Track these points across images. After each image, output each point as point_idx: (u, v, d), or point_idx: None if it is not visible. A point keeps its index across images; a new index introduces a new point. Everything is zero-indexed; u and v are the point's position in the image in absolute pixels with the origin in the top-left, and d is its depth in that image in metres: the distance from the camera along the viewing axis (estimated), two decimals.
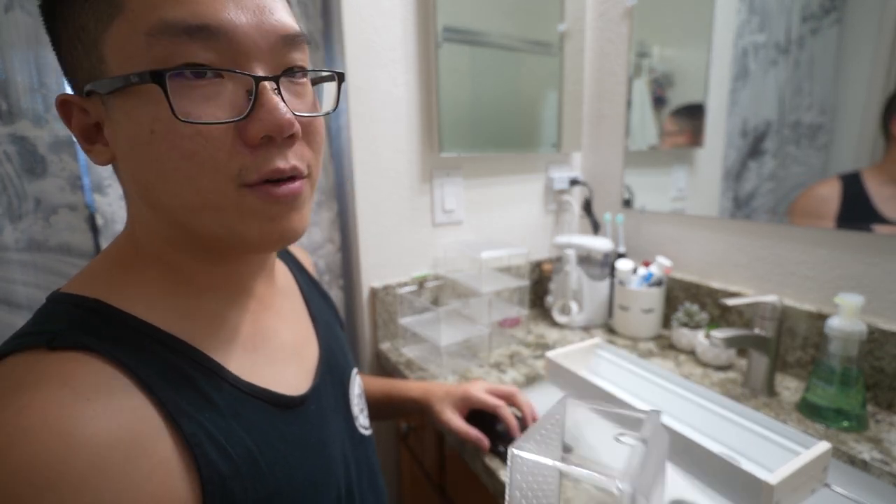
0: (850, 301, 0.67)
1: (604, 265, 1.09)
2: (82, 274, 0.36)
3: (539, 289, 1.24)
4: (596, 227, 1.23)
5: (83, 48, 0.31)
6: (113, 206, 0.81)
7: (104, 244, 0.82)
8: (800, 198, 0.84)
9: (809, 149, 0.81)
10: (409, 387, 0.71)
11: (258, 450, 0.35)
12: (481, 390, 0.67)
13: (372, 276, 1.03)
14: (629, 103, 1.14)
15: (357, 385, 0.55)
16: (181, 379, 0.33)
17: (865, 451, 0.63)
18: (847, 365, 0.68)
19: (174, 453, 0.30)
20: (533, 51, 1.11)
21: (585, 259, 1.10)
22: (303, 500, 0.38)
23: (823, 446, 0.56)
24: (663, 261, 1.01)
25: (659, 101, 1.08)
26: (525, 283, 1.03)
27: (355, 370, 0.56)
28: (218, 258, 0.37)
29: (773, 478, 0.50)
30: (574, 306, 1.09)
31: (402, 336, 1.04)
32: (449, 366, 0.92)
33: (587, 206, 1.25)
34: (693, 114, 1.01)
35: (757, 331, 0.78)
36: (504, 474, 0.62)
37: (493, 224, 1.18)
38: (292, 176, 0.34)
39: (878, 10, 0.71)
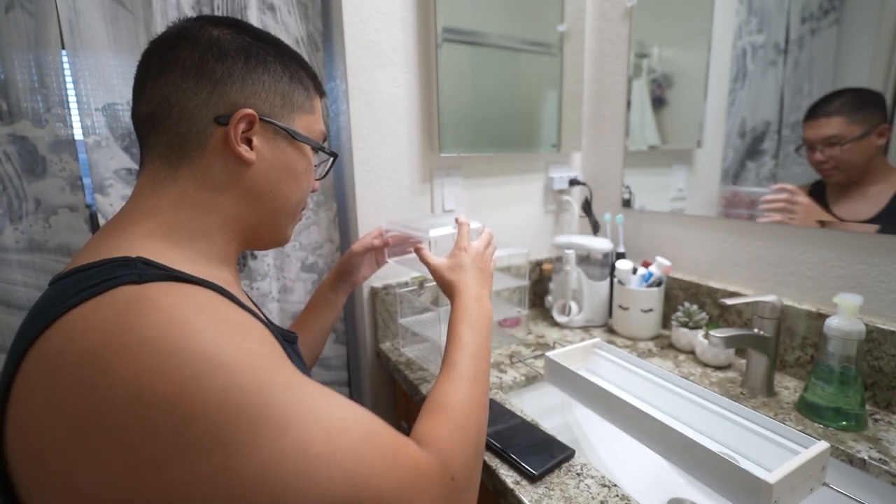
0: (849, 301, 0.67)
1: (604, 265, 1.09)
2: (98, 249, 0.40)
3: (539, 289, 1.24)
4: (596, 227, 1.23)
5: (281, 103, 0.49)
6: (114, 206, 0.81)
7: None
8: None
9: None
10: (312, 299, 0.85)
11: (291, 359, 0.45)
12: (356, 244, 0.85)
13: (372, 276, 1.03)
14: (629, 103, 1.14)
15: None
16: (234, 302, 0.41)
17: (864, 451, 0.63)
18: (846, 364, 0.68)
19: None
20: (533, 51, 1.11)
21: (585, 259, 1.11)
22: None
23: (822, 446, 0.56)
24: (663, 261, 1.01)
25: (658, 102, 1.08)
26: (525, 283, 1.04)
27: None
28: (245, 243, 0.52)
29: (771, 477, 0.50)
30: (574, 306, 1.09)
31: (402, 336, 1.04)
32: None
33: (587, 206, 1.25)
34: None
35: (756, 330, 0.78)
36: (503, 473, 0.62)
37: (492, 224, 1.18)
38: None
39: (877, 10, 0.71)
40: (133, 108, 0.47)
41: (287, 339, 0.54)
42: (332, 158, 0.59)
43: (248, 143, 0.47)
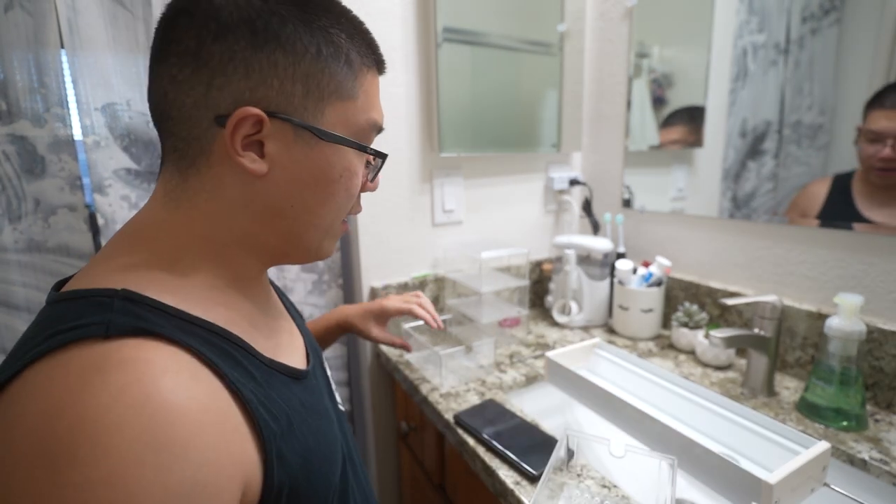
0: (849, 301, 0.67)
1: (604, 265, 1.09)
2: (93, 271, 0.37)
3: (539, 289, 1.24)
4: (596, 227, 1.23)
5: (304, 91, 0.38)
6: (113, 206, 0.81)
7: (104, 244, 0.82)
8: (797, 195, 0.85)
9: (810, 149, 0.81)
10: (328, 317, 0.80)
11: (292, 415, 0.39)
12: (395, 300, 0.80)
13: (372, 275, 1.03)
14: (629, 103, 1.14)
15: (328, 365, 0.61)
16: (225, 354, 0.36)
17: (865, 451, 0.63)
18: (846, 365, 0.68)
19: (242, 419, 0.34)
20: (533, 51, 1.11)
21: (585, 259, 1.10)
22: (325, 461, 0.42)
23: (823, 446, 0.56)
24: (663, 261, 1.01)
25: (659, 102, 1.08)
26: (525, 283, 1.03)
27: (323, 354, 0.63)
28: (271, 262, 0.45)
29: (772, 477, 0.50)
30: (574, 306, 1.09)
31: (403, 336, 1.04)
32: (449, 367, 0.92)
33: (587, 206, 1.25)
34: (693, 114, 1.01)
35: (756, 331, 0.78)
36: (503, 473, 0.62)
37: (493, 224, 1.18)
38: None
39: (878, 10, 0.71)
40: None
41: (317, 354, 0.52)
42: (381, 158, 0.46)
43: (261, 147, 0.38)
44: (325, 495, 0.41)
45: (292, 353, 0.48)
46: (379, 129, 0.45)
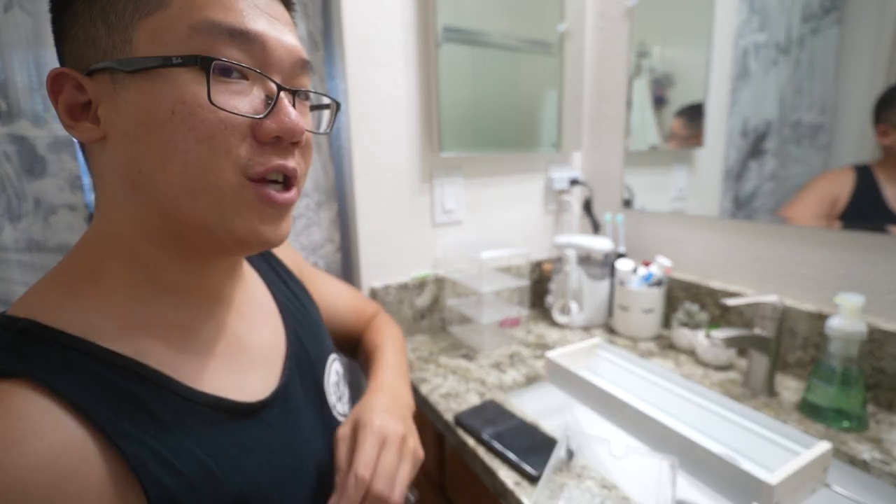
0: (850, 301, 0.67)
1: (604, 265, 1.09)
2: (26, 293, 0.35)
3: (539, 289, 1.24)
4: (596, 227, 1.23)
5: (106, 29, 0.32)
6: None
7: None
8: (802, 193, 0.83)
9: (810, 149, 0.81)
10: (369, 381, 0.59)
11: (212, 460, 0.35)
12: (343, 448, 0.46)
13: (372, 276, 1.03)
14: (629, 103, 1.14)
15: (334, 372, 0.55)
16: (123, 397, 0.32)
17: (866, 452, 0.63)
18: (847, 365, 0.68)
19: (110, 476, 0.30)
20: (533, 51, 1.11)
21: (585, 259, 1.10)
22: (271, 501, 0.38)
23: (824, 446, 0.56)
24: (663, 261, 1.01)
25: (659, 101, 1.08)
26: (525, 283, 1.03)
27: (332, 357, 0.55)
28: (189, 254, 0.37)
29: (773, 478, 0.50)
30: (574, 306, 1.09)
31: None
32: (449, 366, 0.92)
33: (587, 206, 1.25)
34: (693, 114, 1.01)
35: (757, 331, 0.78)
36: (503, 474, 0.62)
37: (493, 224, 1.18)
38: (287, 185, 0.37)
39: (879, 9, 0.71)
40: None
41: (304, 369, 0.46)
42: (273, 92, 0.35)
43: (96, 113, 0.33)
44: None
45: (252, 375, 0.42)
46: (233, 32, 0.32)
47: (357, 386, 1.08)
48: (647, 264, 1.04)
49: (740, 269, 0.95)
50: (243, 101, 0.33)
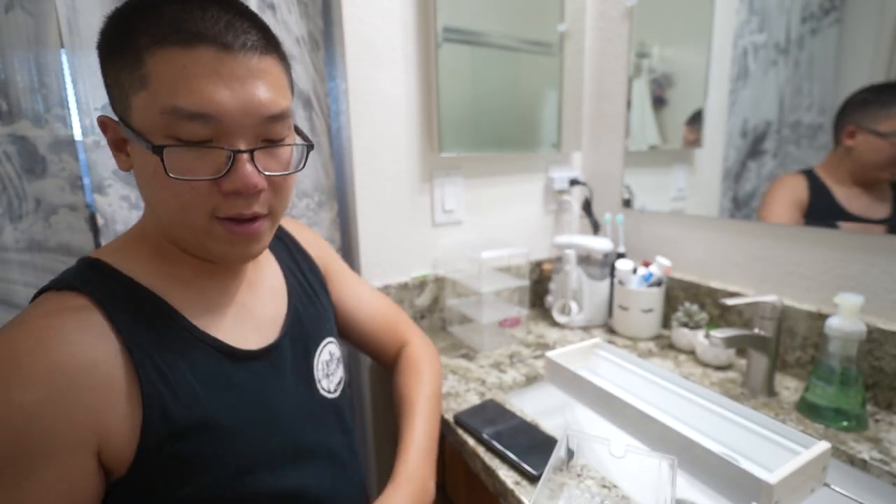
0: (849, 301, 0.67)
1: (604, 265, 1.09)
2: (100, 249, 0.49)
3: (539, 289, 1.24)
4: (596, 227, 1.23)
5: (119, 92, 0.41)
6: (113, 206, 0.81)
7: (104, 244, 0.82)
8: (769, 199, 0.86)
9: (809, 149, 0.81)
10: (396, 463, 0.59)
11: (199, 384, 0.44)
12: None
13: (372, 275, 1.03)
14: (629, 103, 1.14)
15: (327, 352, 0.61)
16: (143, 319, 0.44)
17: (865, 451, 0.63)
18: (846, 365, 0.68)
19: (122, 372, 0.41)
20: (533, 51, 1.11)
21: (585, 259, 1.10)
22: (238, 436, 0.46)
23: (823, 446, 0.56)
24: (663, 261, 1.01)
25: (659, 102, 1.08)
26: (525, 283, 1.03)
27: (329, 339, 0.62)
28: (192, 256, 0.49)
29: (772, 477, 0.50)
30: (574, 306, 1.09)
31: None
32: (449, 366, 0.92)
33: (587, 206, 1.25)
34: (698, 117, 1.01)
35: (756, 331, 0.78)
36: (503, 473, 0.62)
37: (493, 224, 1.18)
38: (253, 218, 0.45)
39: (878, 10, 0.71)
40: None
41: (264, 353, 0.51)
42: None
43: (124, 147, 0.45)
44: (231, 468, 0.45)
45: (250, 334, 0.51)
46: (192, 115, 0.38)
47: (357, 370, 1.08)
48: (646, 264, 1.04)
49: (740, 268, 0.95)
50: (206, 164, 0.41)
